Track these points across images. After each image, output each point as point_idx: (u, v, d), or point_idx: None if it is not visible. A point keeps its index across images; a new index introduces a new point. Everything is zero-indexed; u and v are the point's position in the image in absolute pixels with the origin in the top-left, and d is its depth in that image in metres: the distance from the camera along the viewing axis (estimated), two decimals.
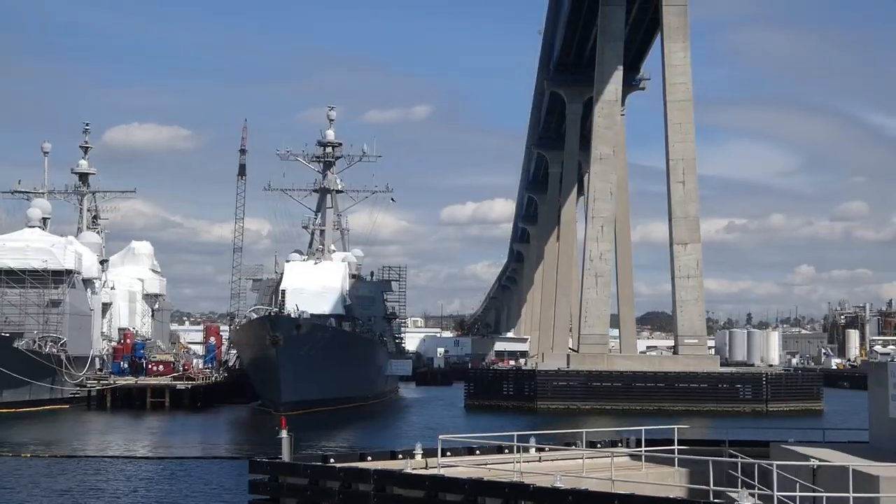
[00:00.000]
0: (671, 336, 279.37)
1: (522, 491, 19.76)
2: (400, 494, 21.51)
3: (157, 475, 50.09)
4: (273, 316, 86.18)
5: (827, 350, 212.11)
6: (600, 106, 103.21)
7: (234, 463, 54.51)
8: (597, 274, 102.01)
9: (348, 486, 22.25)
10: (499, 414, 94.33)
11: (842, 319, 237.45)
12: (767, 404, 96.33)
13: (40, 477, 48.64)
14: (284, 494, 23.33)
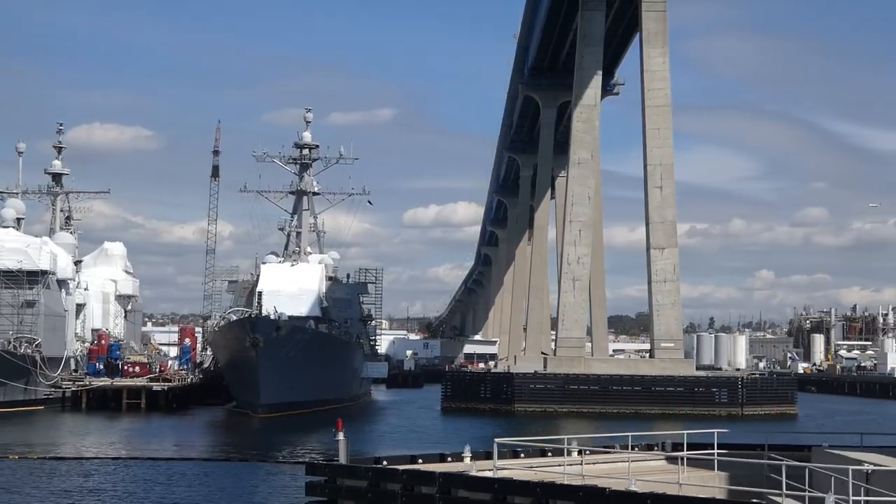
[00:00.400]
0: (636, 339, 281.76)
1: (598, 495, 19.60)
2: (466, 497, 21.24)
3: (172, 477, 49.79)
4: (253, 318, 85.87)
5: (793, 354, 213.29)
6: (579, 110, 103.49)
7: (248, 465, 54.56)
8: (574, 278, 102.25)
9: (411, 488, 22.09)
10: (476, 416, 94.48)
11: (807, 324, 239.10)
12: (743, 408, 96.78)
13: (40, 478, 48.40)
14: (343, 497, 23.16)
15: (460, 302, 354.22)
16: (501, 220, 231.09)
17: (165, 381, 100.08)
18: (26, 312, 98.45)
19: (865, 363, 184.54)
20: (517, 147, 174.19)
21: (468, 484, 22.18)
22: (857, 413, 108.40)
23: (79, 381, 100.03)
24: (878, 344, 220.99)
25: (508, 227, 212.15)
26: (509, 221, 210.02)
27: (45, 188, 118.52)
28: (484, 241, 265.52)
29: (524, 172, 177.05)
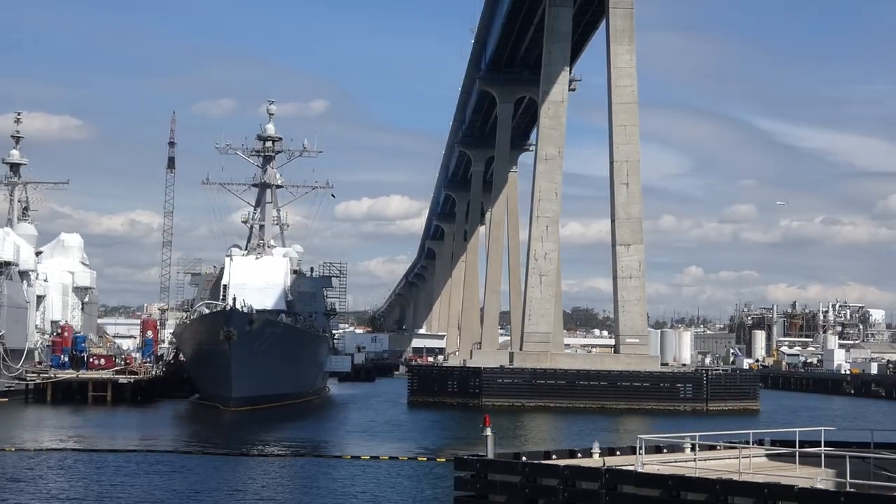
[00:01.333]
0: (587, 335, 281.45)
1: (784, 491, 19.49)
2: (634, 493, 21.26)
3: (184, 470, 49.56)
4: (228, 311, 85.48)
5: (735, 350, 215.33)
6: (546, 106, 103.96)
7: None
8: (541, 273, 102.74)
9: (572, 483, 22.09)
10: (443, 410, 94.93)
11: (748, 320, 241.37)
12: (707, 403, 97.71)
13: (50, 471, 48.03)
14: (496, 492, 23.12)
15: (400, 296, 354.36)
16: (448, 215, 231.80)
17: (132, 373, 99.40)
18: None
19: (811, 359, 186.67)
20: (469, 142, 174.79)
21: (638, 480, 21.93)
22: (818, 409, 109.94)
23: (43, 374, 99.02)
24: (818, 340, 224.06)
25: (456, 222, 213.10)
26: (457, 216, 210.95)
27: (1, 178, 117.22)
28: (428, 235, 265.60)
29: (476, 167, 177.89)
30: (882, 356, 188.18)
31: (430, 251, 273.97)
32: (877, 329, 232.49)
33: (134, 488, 43.46)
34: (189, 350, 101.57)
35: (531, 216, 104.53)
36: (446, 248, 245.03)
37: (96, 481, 45.16)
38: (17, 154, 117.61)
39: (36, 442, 62.15)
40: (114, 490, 42.89)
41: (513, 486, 22.88)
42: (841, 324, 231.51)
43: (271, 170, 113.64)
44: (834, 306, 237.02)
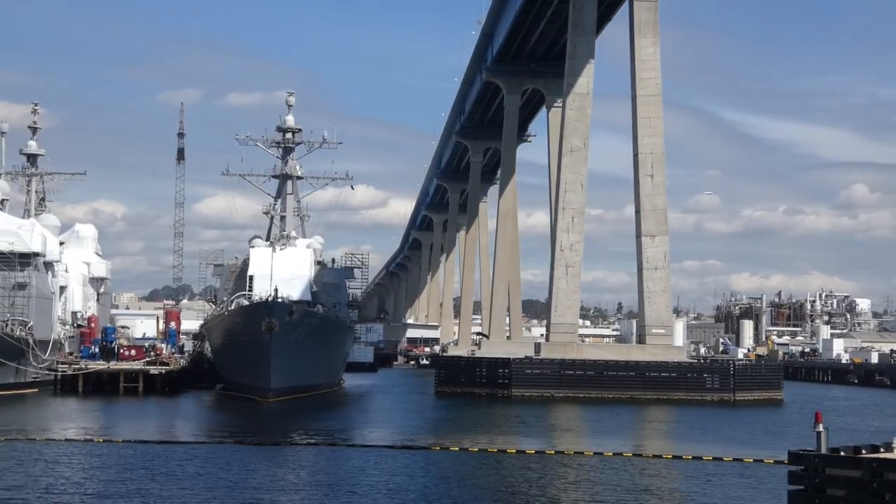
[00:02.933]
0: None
1: None
2: None
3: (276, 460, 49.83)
4: (271, 302, 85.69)
5: (725, 340, 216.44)
6: (571, 99, 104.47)
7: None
8: (567, 264, 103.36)
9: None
10: (472, 401, 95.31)
11: (736, 310, 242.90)
12: (735, 393, 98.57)
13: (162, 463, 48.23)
14: (837, 487, 23.35)
15: (380, 286, 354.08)
16: (438, 205, 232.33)
17: (163, 364, 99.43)
18: (17, 295, 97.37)
19: (809, 349, 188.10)
20: (468, 133, 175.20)
21: None
22: (840, 399, 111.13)
23: (74, 365, 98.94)
24: (806, 330, 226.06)
25: (450, 212, 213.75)
26: (450, 206, 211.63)
27: (19, 169, 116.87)
28: (415, 226, 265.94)
29: (474, 158, 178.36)
30: (872, 345, 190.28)
31: (416, 241, 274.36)
32: (863, 318, 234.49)
33: (232, 479, 43.79)
34: (218, 340, 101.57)
35: (556, 207, 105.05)
36: (436, 238, 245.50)
37: (182, 473, 45.64)
38: (35, 145, 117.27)
39: (104, 432, 62.13)
40: (219, 482, 43.20)
41: (858, 482, 23.12)
42: (828, 313, 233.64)
43: (292, 161, 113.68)
44: (820, 296, 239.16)
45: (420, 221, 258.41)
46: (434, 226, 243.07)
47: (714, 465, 50.38)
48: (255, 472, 46.09)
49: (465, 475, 46.51)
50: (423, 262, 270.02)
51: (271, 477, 44.92)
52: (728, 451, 53.68)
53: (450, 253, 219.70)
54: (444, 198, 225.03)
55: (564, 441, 62.39)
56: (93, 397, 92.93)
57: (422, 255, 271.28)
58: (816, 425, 25.06)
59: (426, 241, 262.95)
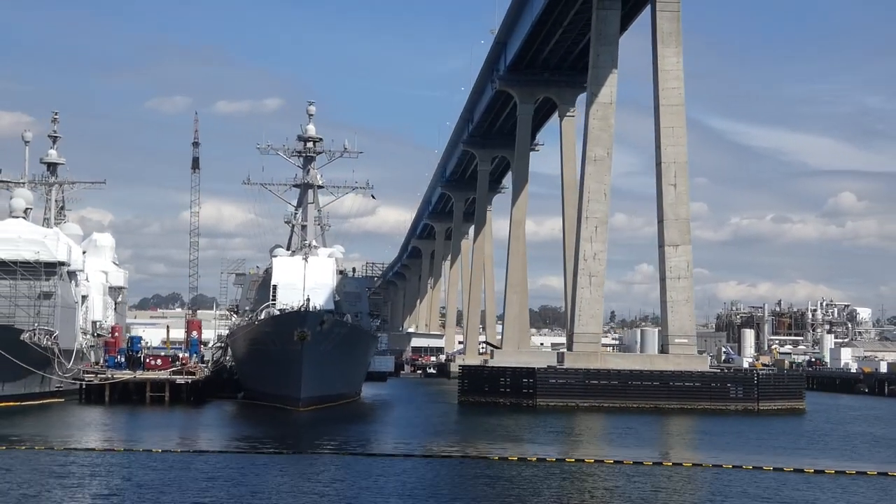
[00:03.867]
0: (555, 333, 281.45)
1: None
2: None
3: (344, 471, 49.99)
4: (303, 311, 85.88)
5: (727, 349, 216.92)
6: (595, 108, 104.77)
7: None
8: (591, 274, 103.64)
9: None
10: (497, 410, 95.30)
11: (737, 319, 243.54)
12: (759, 403, 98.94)
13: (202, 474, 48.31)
14: None
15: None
16: (441, 213, 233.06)
17: (189, 374, 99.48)
18: (43, 304, 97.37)
19: (815, 358, 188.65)
20: (475, 142, 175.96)
21: None
22: (859, 409, 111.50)
23: (101, 374, 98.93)
24: (808, 339, 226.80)
25: (454, 221, 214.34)
26: (455, 214, 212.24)
27: (39, 178, 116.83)
28: (415, 234, 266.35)
29: (482, 166, 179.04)
30: (875, 354, 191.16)
31: (415, 249, 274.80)
32: (864, 327, 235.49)
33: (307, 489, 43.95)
34: (243, 350, 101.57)
35: (579, 217, 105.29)
36: (438, 247, 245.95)
37: (238, 483, 45.86)
38: (55, 154, 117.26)
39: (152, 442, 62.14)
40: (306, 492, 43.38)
41: None
42: (829, 322, 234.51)
43: (313, 170, 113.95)
44: (821, 305, 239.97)
45: (421, 230, 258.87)
46: (436, 234, 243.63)
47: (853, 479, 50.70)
48: (327, 481, 46.28)
49: (539, 486, 46.65)
50: (423, 270, 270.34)
51: (351, 486, 45.11)
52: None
53: (454, 261, 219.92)
54: (447, 206, 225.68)
55: (679, 455, 61.70)
56: (119, 407, 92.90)
57: (421, 263, 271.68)
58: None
59: (426, 249, 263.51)
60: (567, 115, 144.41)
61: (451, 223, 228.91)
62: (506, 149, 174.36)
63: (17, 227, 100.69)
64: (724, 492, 45.73)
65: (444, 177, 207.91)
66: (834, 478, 50.95)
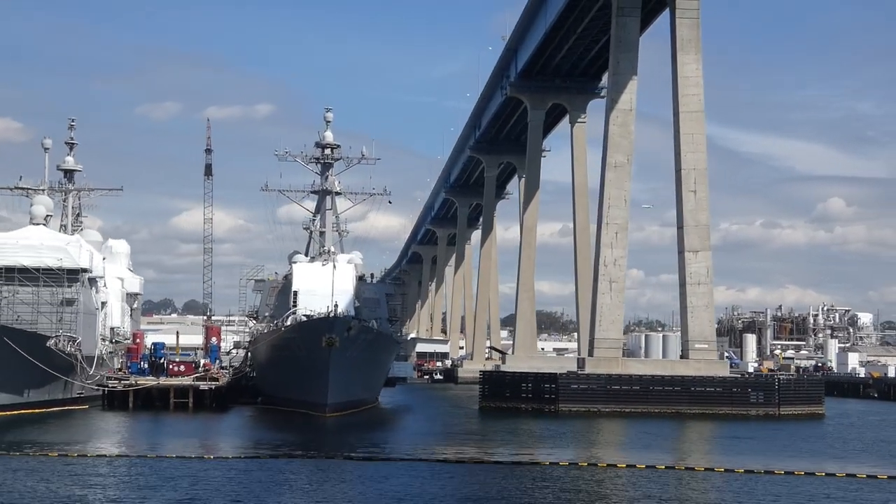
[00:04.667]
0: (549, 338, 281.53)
1: None
2: None
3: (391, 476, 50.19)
4: (332, 317, 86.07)
5: (730, 354, 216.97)
6: (615, 115, 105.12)
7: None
8: (611, 279, 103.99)
9: None
10: (519, 416, 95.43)
11: (739, 324, 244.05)
12: (780, 408, 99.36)
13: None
14: None
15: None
16: (443, 219, 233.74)
17: (213, 380, 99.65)
18: (66, 311, 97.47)
19: (821, 363, 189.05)
20: (482, 148, 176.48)
21: None
22: (875, 414, 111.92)
23: (124, 381, 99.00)
24: (811, 344, 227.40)
25: (458, 227, 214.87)
26: (459, 220, 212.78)
27: (55, 184, 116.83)
28: (415, 240, 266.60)
29: (489, 173, 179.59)
30: (879, 359, 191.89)
31: (415, 255, 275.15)
32: (865, 332, 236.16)
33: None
34: (265, 355, 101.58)
35: (599, 223, 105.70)
36: (440, 252, 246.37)
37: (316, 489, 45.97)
38: (72, 161, 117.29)
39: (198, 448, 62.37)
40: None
41: None
42: (830, 327, 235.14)
43: (331, 177, 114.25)
44: (822, 310, 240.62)
45: (422, 235, 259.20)
46: (438, 240, 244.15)
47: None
48: (398, 486, 46.56)
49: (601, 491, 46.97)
50: (424, 276, 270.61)
51: (425, 491, 45.42)
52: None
53: (458, 267, 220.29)
54: (450, 212, 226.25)
55: (741, 461, 61.25)
56: (144, 413, 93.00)
57: (422, 269, 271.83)
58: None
59: (427, 254, 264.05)
60: (578, 121, 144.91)
61: (453, 229, 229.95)
62: (512, 154, 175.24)
63: (39, 234, 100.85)
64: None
65: (449, 183, 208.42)
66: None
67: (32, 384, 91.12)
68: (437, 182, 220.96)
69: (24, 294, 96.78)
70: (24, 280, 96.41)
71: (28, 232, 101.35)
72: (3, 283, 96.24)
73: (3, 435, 69.43)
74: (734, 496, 45.92)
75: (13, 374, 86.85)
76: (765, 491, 47.41)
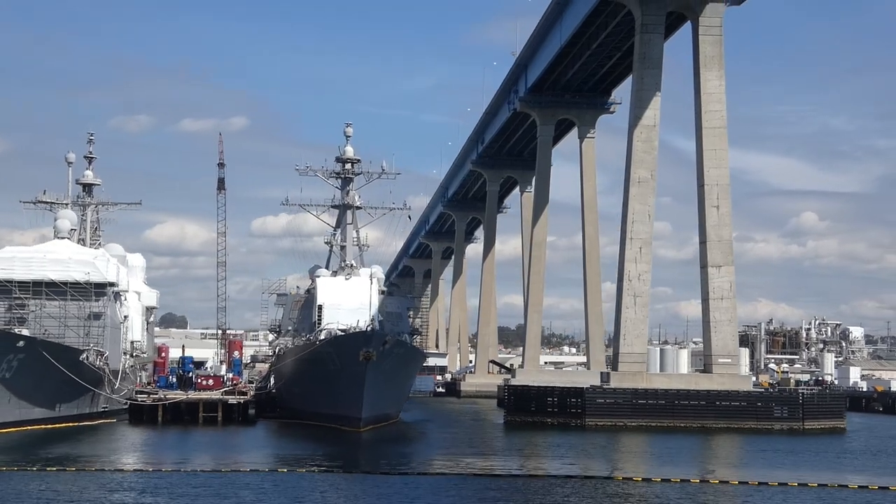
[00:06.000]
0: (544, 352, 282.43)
1: None
2: None
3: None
4: (370, 332, 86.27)
5: None
6: (639, 131, 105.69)
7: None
8: (635, 294, 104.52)
9: None
10: (546, 430, 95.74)
11: None
12: (804, 422, 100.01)
13: None
14: None
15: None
16: (438, 233, 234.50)
17: (241, 394, 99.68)
18: (93, 325, 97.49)
19: (821, 377, 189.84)
20: (485, 162, 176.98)
21: None
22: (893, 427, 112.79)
23: (153, 395, 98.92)
24: (804, 358, 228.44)
25: (456, 241, 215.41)
26: (457, 234, 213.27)
27: (74, 198, 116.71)
28: (407, 253, 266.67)
29: (491, 187, 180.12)
30: (873, 373, 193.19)
31: (406, 268, 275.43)
32: (857, 346, 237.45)
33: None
34: (291, 369, 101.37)
35: (623, 238, 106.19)
36: (435, 266, 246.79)
37: None
38: (91, 175, 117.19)
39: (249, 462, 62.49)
40: None
41: None
42: (823, 341, 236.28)
43: (352, 191, 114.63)
44: (815, 324, 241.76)
45: (415, 249, 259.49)
46: (433, 253, 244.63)
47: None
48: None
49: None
50: (417, 290, 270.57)
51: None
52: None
53: (456, 280, 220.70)
54: (445, 226, 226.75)
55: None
56: (173, 427, 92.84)
57: (414, 283, 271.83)
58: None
59: (419, 268, 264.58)
60: (587, 136, 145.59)
61: (448, 242, 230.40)
62: (515, 169, 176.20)
63: (66, 249, 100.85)
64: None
65: (446, 197, 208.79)
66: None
67: (64, 398, 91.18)
68: (433, 196, 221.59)
69: (51, 308, 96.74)
70: (51, 294, 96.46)
71: (54, 246, 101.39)
72: (31, 296, 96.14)
73: (53, 449, 69.69)
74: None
75: (48, 389, 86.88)
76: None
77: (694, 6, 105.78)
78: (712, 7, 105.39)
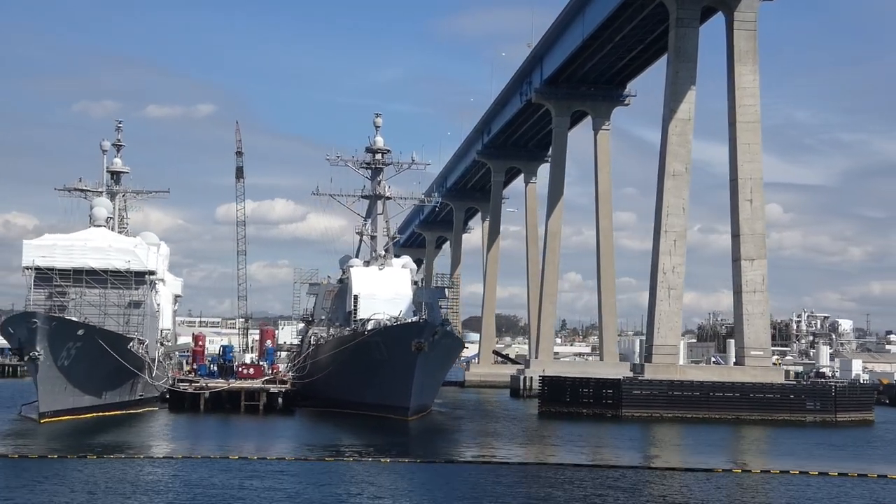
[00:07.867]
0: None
1: None
2: None
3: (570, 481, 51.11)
4: (422, 322, 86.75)
5: (717, 359, 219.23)
6: (673, 124, 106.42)
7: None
8: (669, 287, 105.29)
9: None
10: (581, 421, 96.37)
11: (723, 330, 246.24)
12: (836, 414, 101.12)
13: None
14: None
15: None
16: (433, 223, 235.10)
17: (282, 383, 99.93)
18: (133, 313, 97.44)
19: (821, 369, 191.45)
20: (490, 153, 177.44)
21: None
22: None
23: (195, 383, 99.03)
24: (795, 350, 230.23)
25: (454, 230, 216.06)
26: (455, 224, 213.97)
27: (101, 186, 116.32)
28: (398, 244, 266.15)
29: (496, 177, 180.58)
30: (865, 366, 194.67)
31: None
32: (846, 339, 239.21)
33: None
34: (331, 359, 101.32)
35: (657, 230, 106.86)
36: (428, 256, 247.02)
37: None
38: (120, 163, 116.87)
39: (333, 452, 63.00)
40: None
41: None
42: (812, 333, 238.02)
43: (383, 181, 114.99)
44: (805, 316, 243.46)
45: (407, 238, 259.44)
46: (427, 243, 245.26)
47: None
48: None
49: None
50: None
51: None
52: None
53: (454, 270, 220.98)
54: (440, 216, 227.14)
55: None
56: (215, 415, 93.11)
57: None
58: None
59: (412, 257, 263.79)
60: (602, 128, 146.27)
61: (441, 232, 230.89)
62: (520, 160, 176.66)
63: (106, 237, 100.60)
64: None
65: (445, 187, 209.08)
66: None
67: (108, 386, 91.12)
68: (430, 186, 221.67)
69: (91, 296, 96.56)
70: (91, 282, 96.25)
71: (92, 234, 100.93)
72: (72, 284, 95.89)
73: (121, 438, 70.12)
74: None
75: (96, 377, 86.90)
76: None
77: (729, 1, 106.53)
78: (747, 2, 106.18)
